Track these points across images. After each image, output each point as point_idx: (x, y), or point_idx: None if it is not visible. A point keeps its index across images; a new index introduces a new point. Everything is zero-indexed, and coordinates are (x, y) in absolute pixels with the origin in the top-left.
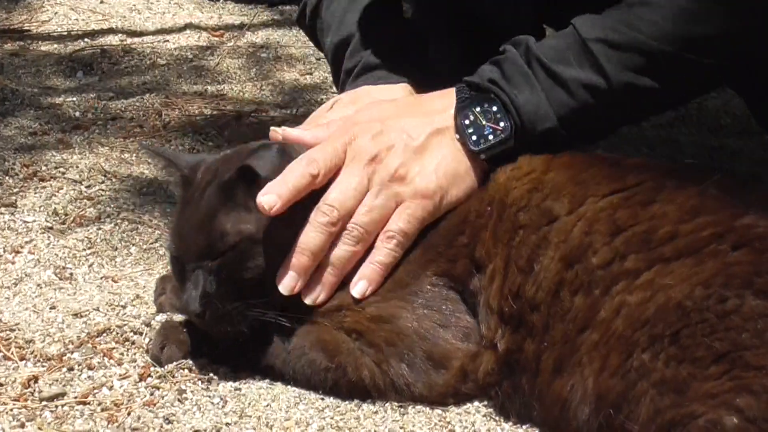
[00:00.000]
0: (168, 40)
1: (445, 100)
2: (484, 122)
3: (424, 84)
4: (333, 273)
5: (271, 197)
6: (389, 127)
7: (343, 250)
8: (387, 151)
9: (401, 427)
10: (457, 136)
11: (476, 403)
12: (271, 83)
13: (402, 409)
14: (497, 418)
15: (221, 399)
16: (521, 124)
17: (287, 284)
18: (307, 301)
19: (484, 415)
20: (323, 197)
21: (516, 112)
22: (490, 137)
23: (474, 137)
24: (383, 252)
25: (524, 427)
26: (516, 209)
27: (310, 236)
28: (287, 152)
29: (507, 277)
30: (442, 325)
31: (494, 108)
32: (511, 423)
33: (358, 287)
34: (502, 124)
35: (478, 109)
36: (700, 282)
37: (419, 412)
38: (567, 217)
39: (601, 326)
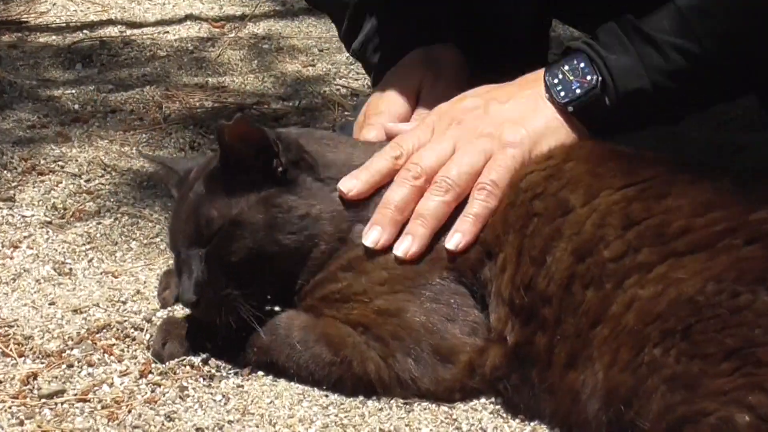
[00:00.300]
0: (168, 32)
1: (537, 73)
2: (571, 78)
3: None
4: (422, 224)
5: (351, 182)
6: (476, 97)
7: (431, 200)
8: (473, 110)
9: (407, 425)
10: (546, 96)
11: (483, 400)
12: (273, 75)
13: (407, 406)
14: (504, 415)
15: (223, 396)
16: (612, 82)
17: (371, 237)
18: (398, 252)
19: (491, 413)
20: (410, 158)
21: (607, 70)
22: (578, 90)
23: (562, 93)
24: (476, 204)
25: (532, 424)
26: (531, 195)
27: (394, 190)
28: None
29: (519, 267)
30: (450, 319)
31: (582, 64)
32: (518, 420)
33: (453, 240)
34: (589, 77)
35: (566, 67)
36: (712, 277)
37: (425, 409)
38: (581, 209)
39: (612, 320)
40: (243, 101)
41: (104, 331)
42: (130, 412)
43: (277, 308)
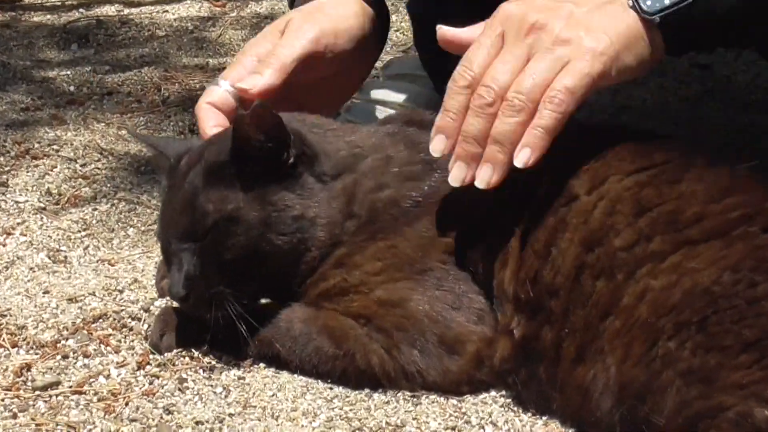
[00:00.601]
0: (167, 11)
1: None
2: None
3: None
4: (501, 150)
5: (440, 139)
6: (548, 1)
7: (504, 122)
8: (548, 17)
9: (414, 418)
10: (629, 3)
11: (493, 393)
12: None
13: (415, 399)
14: (515, 409)
15: (224, 388)
16: None
17: (456, 175)
18: (480, 184)
19: (502, 406)
20: (481, 79)
21: None
22: (666, 1)
23: (648, 1)
24: (543, 114)
25: (544, 418)
26: (536, 183)
27: (470, 122)
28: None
29: (523, 262)
30: (455, 306)
31: None
32: (530, 414)
33: (521, 156)
34: None
35: None
36: (728, 266)
37: (433, 402)
38: (587, 196)
39: (624, 312)
40: None
41: (100, 320)
42: (127, 404)
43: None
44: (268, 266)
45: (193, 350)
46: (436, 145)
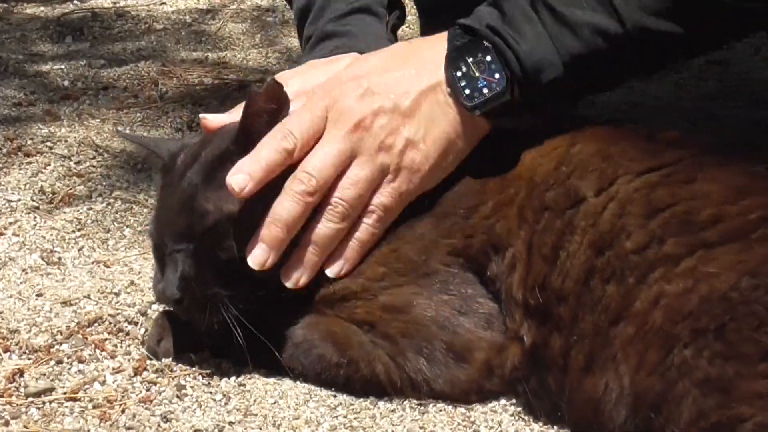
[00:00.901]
0: (165, 2)
1: (437, 48)
2: (477, 74)
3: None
4: (315, 252)
5: (241, 177)
6: (375, 85)
7: (326, 227)
8: (373, 116)
9: (421, 427)
10: (448, 90)
11: (503, 401)
12: (278, 50)
13: (422, 408)
14: (526, 418)
15: (224, 396)
16: (523, 74)
17: (257, 257)
18: (288, 284)
19: (512, 415)
20: (301, 164)
21: (517, 60)
22: (485, 90)
23: (467, 91)
24: (362, 228)
25: (555, 428)
26: (544, 188)
27: (284, 206)
28: None
29: (531, 267)
30: (462, 311)
31: (488, 58)
32: (541, 423)
33: (336, 267)
34: (497, 75)
35: (471, 59)
36: (747, 270)
37: (441, 410)
38: (595, 198)
39: (637, 318)
40: (245, 78)
41: (96, 324)
42: (123, 412)
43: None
44: (267, 269)
45: (191, 356)
46: (235, 182)
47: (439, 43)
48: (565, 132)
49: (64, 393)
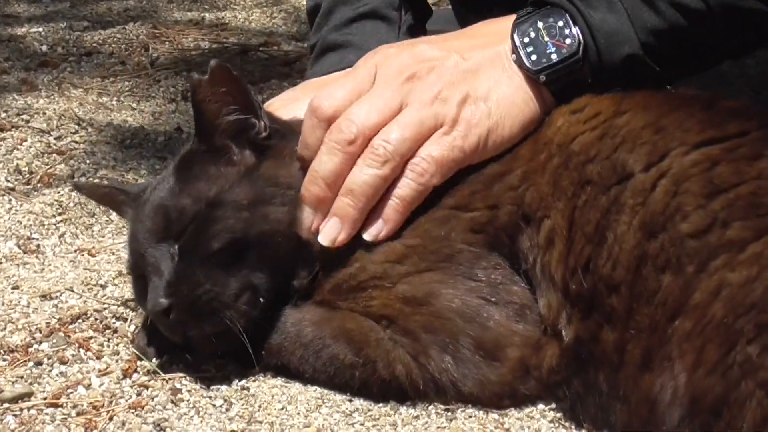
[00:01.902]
0: None
1: (503, 22)
2: (546, 39)
3: None
4: (352, 203)
5: (313, 188)
6: (431, 47)
7: (364, 173)
8: (429, 69)
9: None
10: (514, 57)
11: (541, 406)
12: (284, 9)
13: (449, 413)
14: (567, 424)
15: (225, 401)
16: (596, 47)
17: (303, 222)
18: (325, 242)
19: (551, 421)
20: (342, 114)
21: (589, 31)
22: (553, 56)
23: (534, 57)
24: (403, 183)
25: None
26: (584, 159)
27: (323, 160)
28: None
29: (573, 245)
30: (492, 300)
31: (560, 23)
32: (584, 430)
33: (373, 229)
34: (567, 41)
35: (540, 24)
36: None
37: (470, 416)
38: (644, 173)
39: (695, 312)
40: (247, 41)
41: (79, 321)
42: (111, 419)
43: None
44: (266, 252)
45: (188, 356)
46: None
47: (505, 19)
48: (611, 98)
49: (44, 398)
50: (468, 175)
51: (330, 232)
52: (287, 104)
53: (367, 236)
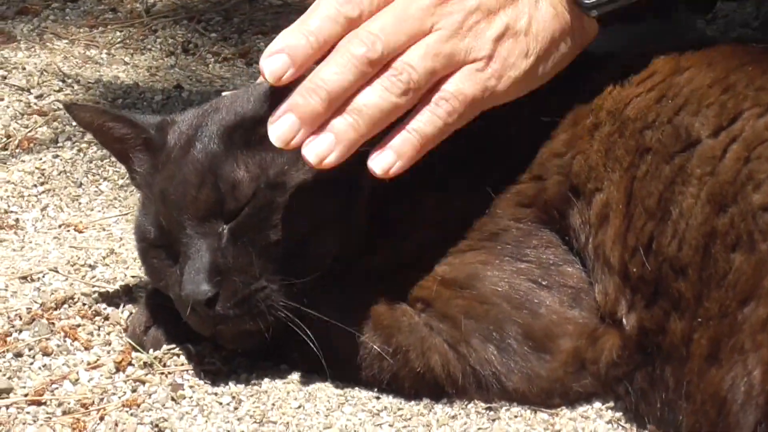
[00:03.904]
0: None
1: None
2: None
3: None
4: (356, 126)
5: (279, 59)
6: None
7: (380, 96)
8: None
9: None
10: None
11: (597, 404)
12: None
13: (491, 413)
14: (627, 426)
15: (233, 398)
16: None
17: (280, 128)
18: (310, 156)
19: (609, 422)
20: (364, 24)
21: None
22: None
23: None
24: (425, 116)
25: None
26: (641, 125)
27: (331, 70)
28: None
29: (632, 222)
30: (543, 284)
31: None
32: None
33: (381, 159)
34: None
35: None
36: None
37: (516, 416)
38: (712, 139)
39: None
40: None
41: (65, 306)
42: (102, 419)
43: None
44: (318, 244)
45: (190, 347)
46: (270, 66)
47: None
48: (666, 54)
49: (25, 395)
50: (513, 139)
51: (320, 148)
52: None
53: (377, 168)
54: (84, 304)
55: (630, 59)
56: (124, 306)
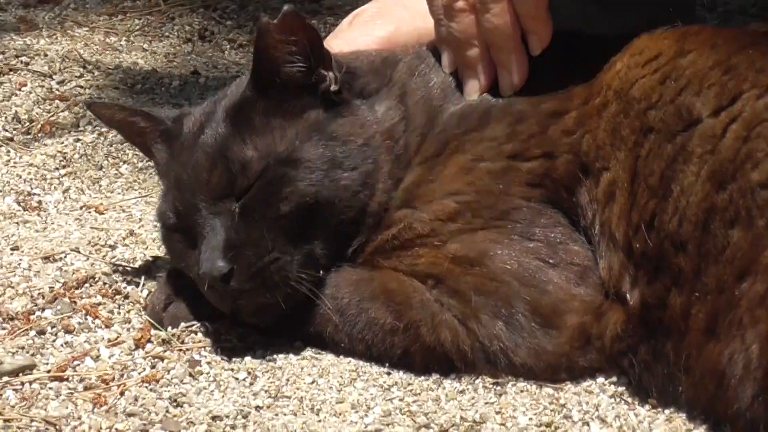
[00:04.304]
0: None
1: None
2: None
3: None
4: (505, 52)
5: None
6: None
7: (488, 20)
8: None
9: (498, 412)
10: None
11: (601, 379)
12: None
13: (498, 388)
14: (630, 400)
15: (249, 374)
16: None
17: (471, 89)
18: (507, 92)
19: (612, 396)
20: None
21: None
22: None
23: None
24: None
25: (667, 412)
26: (646, 105)
27: (447, 25)
28: None
29: (636, 199)
30: (551, 262)
31: None
32: (648, 407)
33: (534, 40)
34: None
35: None
36: None
37: (522, 391)
38: (713, 118)
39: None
40: None
41: (86, 285)
42: (122, 394)
43: None
44: (330, 218)
45: (207, 324)
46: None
47: None
48: (671, 38)
49: (48, 371)
50: (526, 107)
51: (507, 84)
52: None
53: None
54: (105, 284)
55: (638, 42)
56: (143, 285)
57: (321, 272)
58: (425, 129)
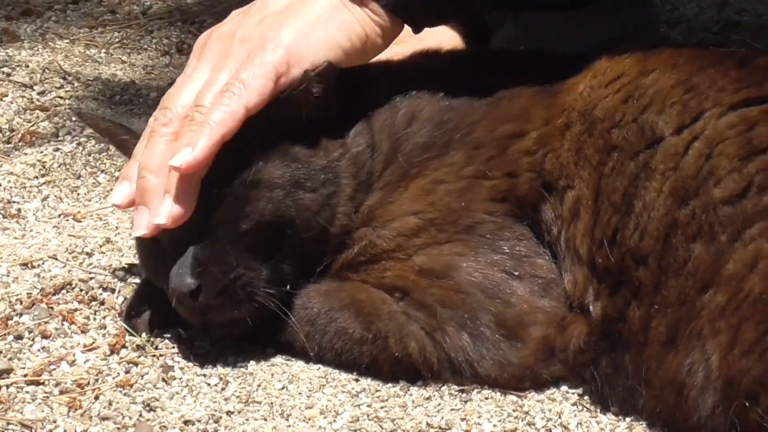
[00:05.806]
0: None
1: None
2: None
3: None
4: (184, 187)
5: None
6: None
7: (186, 142)
8: (234, 20)
9: (463, 419)
10: None
11: (564, 387)
12: None
13: (463, 395)
14: (592, 408)
15: (220, 380)
16: None
17: (140, 223)
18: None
19: (574, 404)
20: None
21: None
22: None
23: None
24: (215, 109)
25: (627, 419)
26: (609, 124)
27: (146, 152)
28: None
29: (599, 216)
30: (515, 275)
31: None
32: (610, 414)
33: (180, 155)
34: None
35: None
36: None
37: (487, 398)
38: (675, 136)
39: (729, 285)
40: None
41: (63, 291)
42: (97, 398)
43: None
44: (293, 237)
45: (180, 331)
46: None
47: None
48: (633, 57)
49: (25, 375)
50: (482, 133)
51: (163, 211)
52: None
53: (176, 161)
54: (81, 290)
55: (599, 63)
56: (119, 292)
57: (288, 287)
58: (389, 156)
